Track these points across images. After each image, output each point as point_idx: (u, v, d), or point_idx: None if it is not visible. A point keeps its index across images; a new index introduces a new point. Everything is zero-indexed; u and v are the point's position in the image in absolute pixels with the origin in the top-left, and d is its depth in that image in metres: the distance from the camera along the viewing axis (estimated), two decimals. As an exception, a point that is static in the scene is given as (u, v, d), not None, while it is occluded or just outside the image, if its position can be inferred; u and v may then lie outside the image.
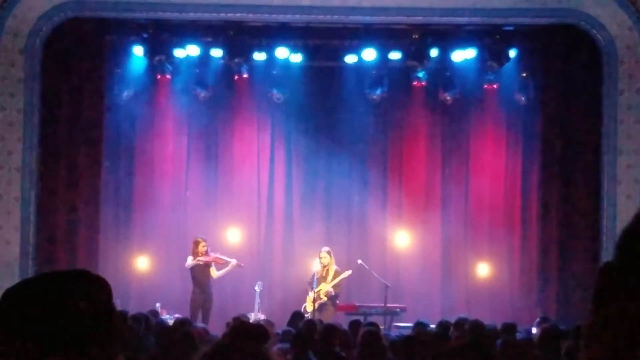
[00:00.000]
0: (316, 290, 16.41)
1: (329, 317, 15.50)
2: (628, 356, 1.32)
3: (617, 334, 1.34)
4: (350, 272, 16.71)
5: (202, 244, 16.65)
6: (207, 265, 16.62)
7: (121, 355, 2.22)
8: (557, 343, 9.96)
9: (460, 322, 11.75)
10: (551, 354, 9.38)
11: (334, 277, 16.61)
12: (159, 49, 17.55)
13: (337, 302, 16.71)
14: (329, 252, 16.72)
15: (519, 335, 11.64)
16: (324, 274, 16.62)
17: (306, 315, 15.18)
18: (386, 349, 9.29)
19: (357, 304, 16.59)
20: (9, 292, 2.20)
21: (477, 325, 11.01)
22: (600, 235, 16.95)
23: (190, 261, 16.54)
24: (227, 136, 18.55)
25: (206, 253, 16.67)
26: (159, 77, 18.24)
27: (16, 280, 15.24)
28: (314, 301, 16.30)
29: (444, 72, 18.12)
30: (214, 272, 16.72)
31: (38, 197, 17.01)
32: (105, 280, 2.23)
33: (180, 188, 18.58)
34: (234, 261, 16.75)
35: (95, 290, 2.19)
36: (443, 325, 11.97)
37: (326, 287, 16.52)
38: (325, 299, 16.52)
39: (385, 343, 9.52)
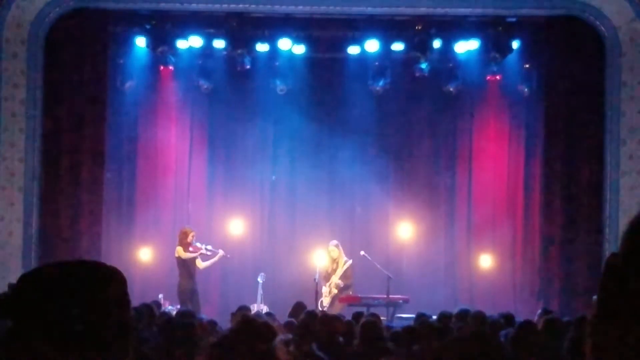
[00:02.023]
0: (329, 284, 16.47)
1: (339, 309, 15.49)
2: (635, 347, 1.32)
3: (623, 325, 1.34)
4: (350, 261, 16.70)
5: (192, 234, 16.61)
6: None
7: (132, 345, 2.24)
8: (560, 334, 9.96)
9: (462, 314, 11.76)
10: (554, 346, 9.38)
11: (345, 268, 16.63)
12: (161, 40, 17.54)
13: (350, 292, 16.69)
14: (337, 246, 16.72)
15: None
16: (334, 267, 16.63)
17: (321, 309, 15.23)
18: (385, 339, 9.29)
19: (360, 296, 16.58)
20: (26, 277, 2.20)
21: (479, 317, 11.01)
22: (603, 226, 16.96)
23: (184, 254, 16.41)
24: (230, 127, 18.53)
25: (192, 244, 16.58)
26: (161, 68, 18.25)
27: (19, 271, 15.22)
28: (328, 295, 16.38)
29: (447, 63, 18.11)
30: (200, 263, 16.67)
31: (41, 188, 17.03)
32: (121, 273, 2.24)
33: (183, 179, 18.59)
34: (220, 252, 16.70)
35: (111, 281, 2.20)
36: (444, 317, 11.97)
37: (335, 280, 16.55)
38: (336, 291, 16.54)
39: (385, 333, 9.52)
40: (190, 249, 16.50)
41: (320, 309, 15.21)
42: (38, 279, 2.18)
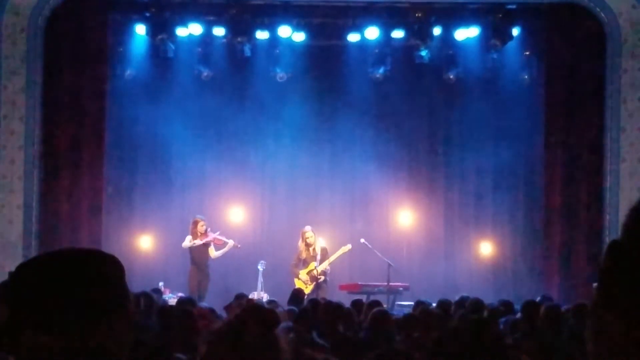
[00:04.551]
0: (306, 271, 16.40)
1: (325, 296, 15.46)
2: (636, 334, 1.32)
3: (624, 312, 1.34)
4: (349, 246, 16.63)
5: (201, 223, 16.65)
6: (205, 245, 16.62)
7: (131, 334, 2.24)
8: (560, 321, 9.98)
9: (462, 301, 11.76)
10: (553, 332, 9.39)
11: (322, 254, 16.53)
12: (161, 28, 17.51)
13: (327, 279, 16.66)
14: (313, 231, 16.70)
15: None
16: (311, 254, 16.55)
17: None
18: (394, 331, 9.29)
19: (360, 283, 16.58)
20: (23, 266, 2.20)
21: (478, 304, 11.02)
22: (604, 213, 16.96)
23: (187, 242, 16.55)
24: (230, 115, 18.51)
25: (205, 233, 16.67)
26: (161, 56, 18.19)
27: (20, 259, 15.23)
28: (309, 282, 16.31)
29: (447, 50, 18.08)
30: (213, 252, 16.73)
31: (41, 175, 17.03)
32: (119, 261, 2.24)
33: (183, 166, 18.57)
34: (231, 242, 16.75)
35: (109, 270, 2.19)
36: (443, 304, 11.98)
37: (321, 266, 16.43)
38: (322, 278, 16.46)
39: (393, 324, 9.50)
40: (198, 241, 16.54)
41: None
42: (35, 268, 2.18)
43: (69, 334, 2.11)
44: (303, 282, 16.36)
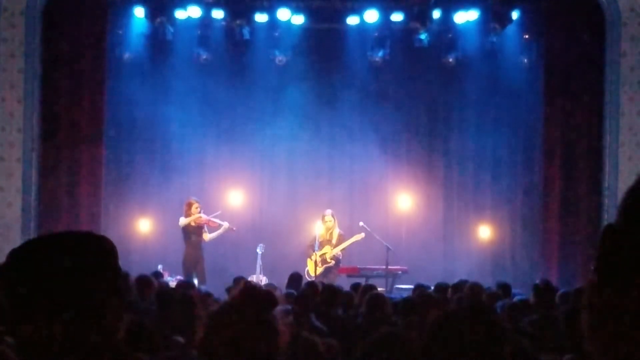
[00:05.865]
0: (320, 253, 16.40)
1: (334, 280, 15.50)
2: (631, 318, 1.32)
3: (619, 296, 1.34)
4: (363, 234, 16.62)
5: (196, 205, 16.61)
6: (199, 227, 16.59)
7: (126, 315, 2.24)
8: (555, 304, 10.00)
9: (459, 285, 11.77)
10: (549, 316, 9.40)
11: (338, 239, 16.59)
12: (160, 11, 17.49)
13: (340, 265, 16.72)
14: (333, 215, 16.70)
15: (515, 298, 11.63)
16: (327, 237, 16.58)
17: (309, 279, 15.15)
18: (391, 313, 9.30)
19: (359, 267, 16.59)
20: (16, 251, 2.20)
21: (475, 288, 11.03)
22: (602, 197, 16.98)
23: (183, 220, 16.50)
24: (229, 98, 18.49)
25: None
26: (160, 38, 18.15)
27: (18, 242, 15.25)
28: (320, 264, 16.31)
29: (446, 33, 18.05)
30: (206, 235, 16.69)
31: (40, 158, 17.02)
32: (111, 242, 2.24)
33: (182, 149, 18.55)
34: (226, 224, 16.71)
35: (101, 251, 2.19)
36: (441, 288, 11.99)
37: (333, 251, 16.48)
38: (332, 262, 16.50)
39: (390, 307, 9.52)
40: (194, 217, 16.52)
41: (307, 278, 15.19)
42: (28, 252, 2.18)
43: (62, 315, 2.11)
44: (314, 264, 16.37)
